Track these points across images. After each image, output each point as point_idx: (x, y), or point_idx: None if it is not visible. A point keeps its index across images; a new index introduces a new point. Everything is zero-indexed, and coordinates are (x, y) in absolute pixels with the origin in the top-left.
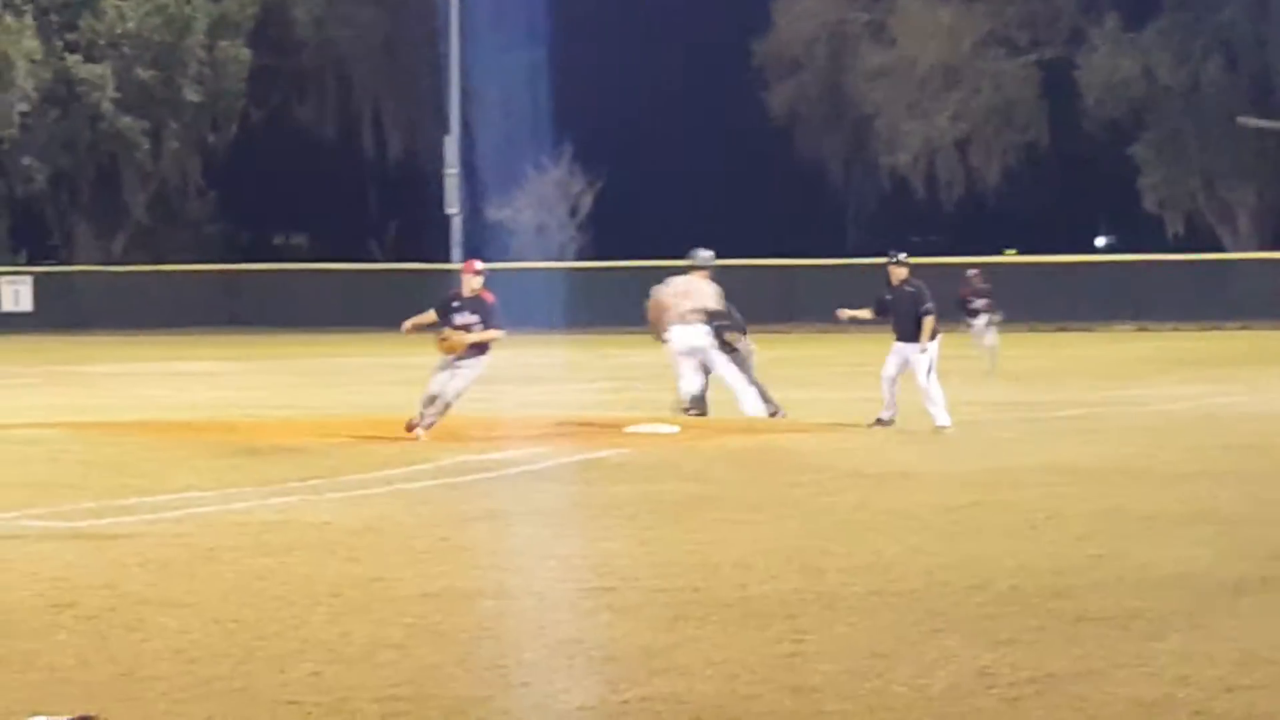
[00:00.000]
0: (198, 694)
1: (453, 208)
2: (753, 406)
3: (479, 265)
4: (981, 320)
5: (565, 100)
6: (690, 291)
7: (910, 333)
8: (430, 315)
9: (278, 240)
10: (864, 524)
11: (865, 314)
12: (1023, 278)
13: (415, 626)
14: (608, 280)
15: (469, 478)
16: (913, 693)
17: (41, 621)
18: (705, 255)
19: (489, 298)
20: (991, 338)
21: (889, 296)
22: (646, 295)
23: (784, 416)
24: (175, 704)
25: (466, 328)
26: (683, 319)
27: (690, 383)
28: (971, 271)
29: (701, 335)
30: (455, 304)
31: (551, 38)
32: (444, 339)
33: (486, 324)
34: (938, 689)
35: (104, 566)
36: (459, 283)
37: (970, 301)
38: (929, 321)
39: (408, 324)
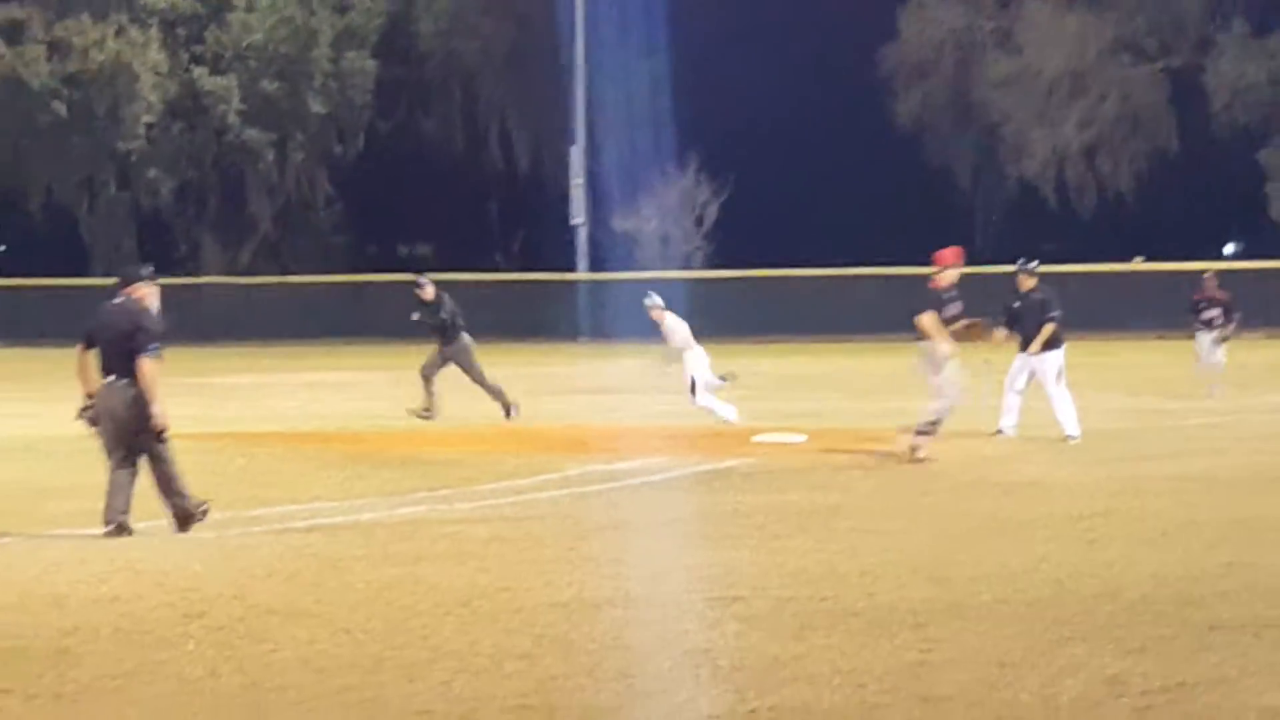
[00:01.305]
0: (327, 704)
1: (578, 218)
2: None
3: (955, 253)
4: (1213, 334)
5: (691, 110)
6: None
7: (1039, 343)
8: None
9: (403, 251)
10: (992, 532)
11: (1002, 333)
12: (1151, 286)
13: (543, 636)
14: (734, 290)
15: (596, 487)
16: (1041, 702)
17: (172, 632)
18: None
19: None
20: (1219, 354)
21: (1017, 305)
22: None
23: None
24: (304, 714)
25: (958, 318)
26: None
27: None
28: (1206, 275)
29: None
30: (948, 295)
31: (676, 47)
32: (971, 327)
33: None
34: (1067, 698)
35: (233, 577)
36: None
37: (1203, 309)
38: (1048, 328)
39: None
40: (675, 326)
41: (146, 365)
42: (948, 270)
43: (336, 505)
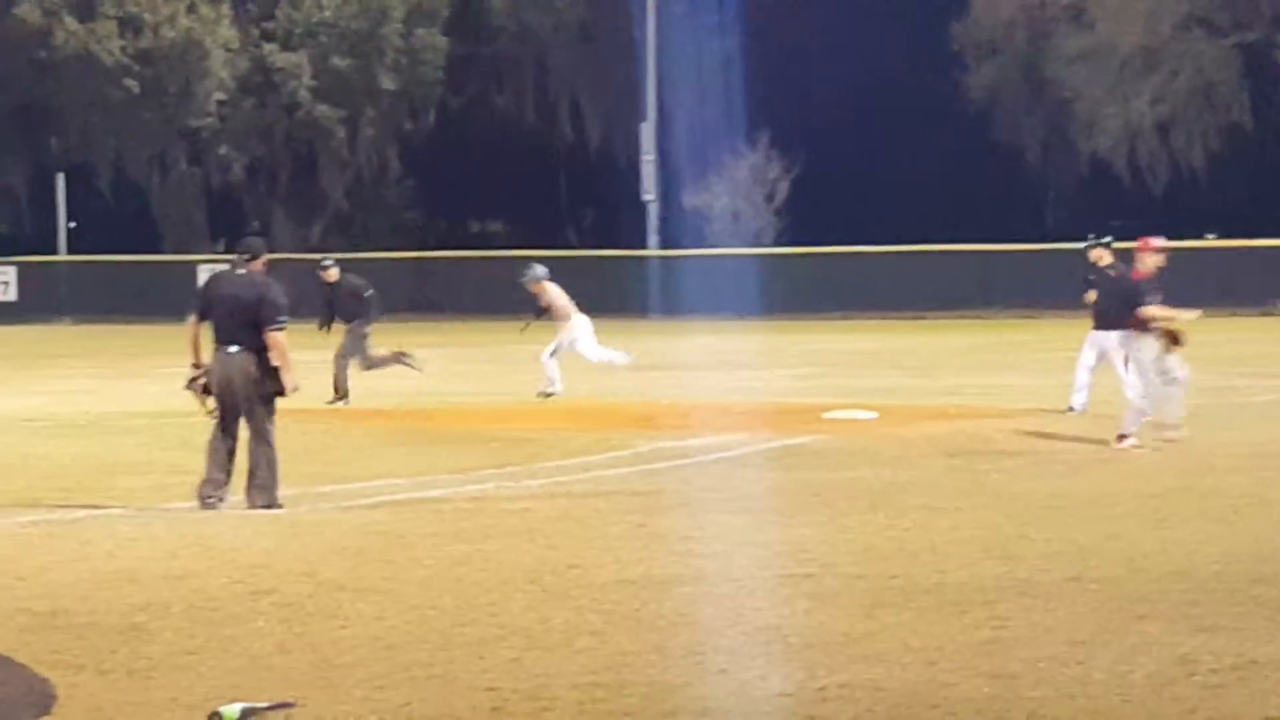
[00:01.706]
0: (395, 680)
1: (649, 194)
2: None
3: (1158, 243)
4: None
5: (762, 86)
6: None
7: (1107, 321)
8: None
9: (474, 227)
10: (1063, 510)
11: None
12: (1224, 262)
13: (613, 613)
14: (804, 266)
15: (666, 464)
16: (1113, 680)
17: (241, 608)
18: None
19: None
20: None
21: (1091, 277)
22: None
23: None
24: (373, 690)
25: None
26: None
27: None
28: None
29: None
30: (1149, 284)
31: (748, 22)
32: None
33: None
34: (1138, 676)
35: (302, 553)
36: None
37: None
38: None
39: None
40: (555, 297)
41: (276, 338)
42: (1149, 258)
43: (405, 482)
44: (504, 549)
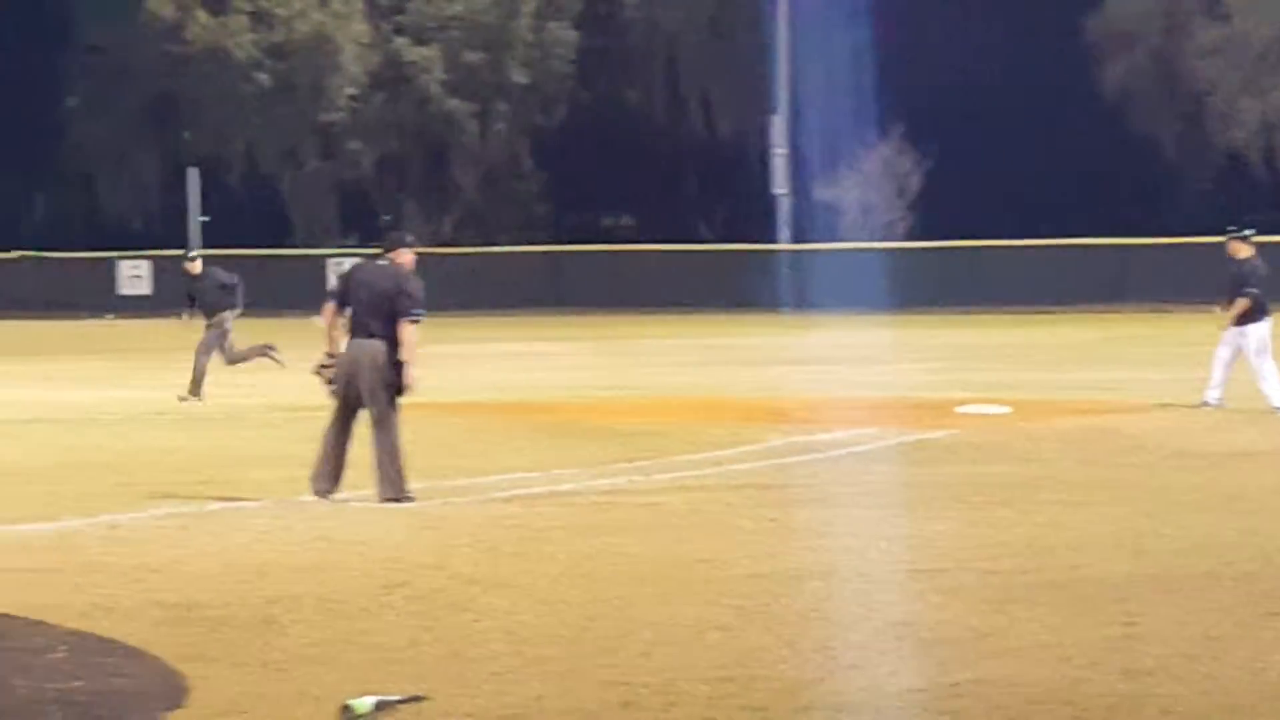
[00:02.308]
0: (527, 675)
1: (780, 188)
2: None
3: None
4: None
5: (894, 79)
6: None
7: (1238, 315)
8: None
9: (606, 221)
10: (1197, 505)
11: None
12: None
13: (743, 608)
14: (936, 260)
15: (797, 458)
16: (1249, 676)
17: (373, 601)
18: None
19: None
20: None
21: (1233, 270)
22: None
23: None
24: (504, 684)
25: None
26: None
27: None
28: None
29: None
30: None
31: (880, 14)
32: None
33: None
34: (1274, 674)
35: (434, 547)
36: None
37: None
38: (1240, 302)
39: None
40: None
41: (409, 329)
42: None
43: (535, 476)
44: (634, 543)
